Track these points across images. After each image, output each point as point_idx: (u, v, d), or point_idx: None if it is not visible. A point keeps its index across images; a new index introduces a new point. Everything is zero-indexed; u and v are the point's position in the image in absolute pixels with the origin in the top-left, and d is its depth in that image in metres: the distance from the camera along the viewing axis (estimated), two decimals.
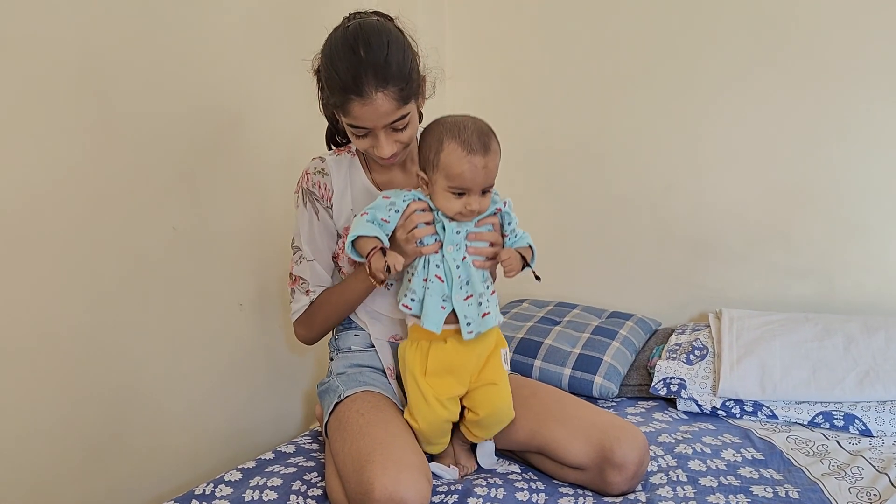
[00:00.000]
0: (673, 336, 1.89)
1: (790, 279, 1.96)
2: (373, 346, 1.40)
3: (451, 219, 1.21)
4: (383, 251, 1.17)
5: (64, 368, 1.25)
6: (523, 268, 1.28)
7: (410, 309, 1.23)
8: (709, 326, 1.88)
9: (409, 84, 1.19)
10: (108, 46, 1.25)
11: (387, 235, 1.21)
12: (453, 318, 1.22)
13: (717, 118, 1.97)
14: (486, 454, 1.38)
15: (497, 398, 1.27)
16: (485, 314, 1.21)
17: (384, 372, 1.38)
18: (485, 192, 1.19)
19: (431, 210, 1.23)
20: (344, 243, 1.36)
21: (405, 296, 1.24)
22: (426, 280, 1.22)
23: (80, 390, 1.28)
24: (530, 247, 1.30)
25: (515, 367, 1.78)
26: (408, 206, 1.21)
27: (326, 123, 1.43)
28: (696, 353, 1.75)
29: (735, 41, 1.91)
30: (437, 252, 1.22)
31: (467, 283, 1.22)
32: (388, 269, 1.15)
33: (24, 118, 1.14)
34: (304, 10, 1.72)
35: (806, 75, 1.85)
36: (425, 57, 1.28)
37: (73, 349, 1.26)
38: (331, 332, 1.49)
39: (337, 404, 1.30)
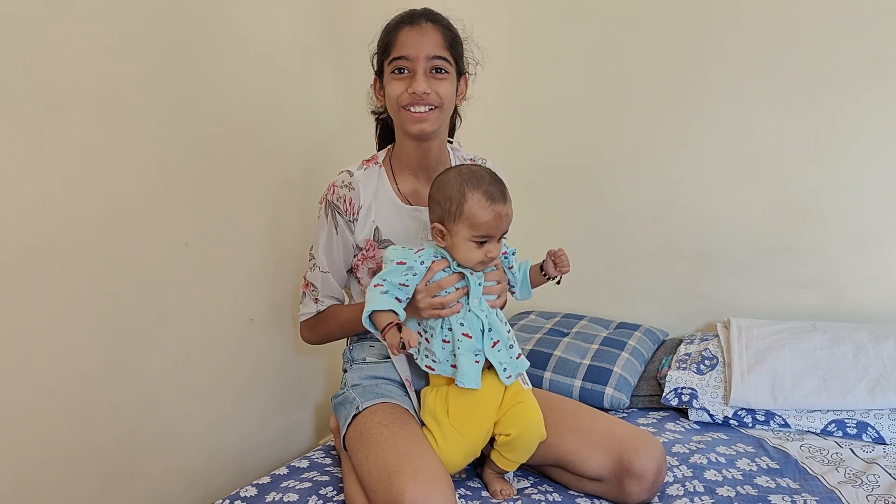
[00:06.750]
0: (682, 346, 1.89)
1: (797, 289, 1.97)
2: (388, 358, 1.40)
3: (470, 272, 1.21)
4: (399, 326, 1.14)
5: (78, 389, 1.24)
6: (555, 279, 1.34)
7: (434, 370, 1.23)
8: (717, 336, 1.88)
9: (455, 39, 1.31)
10: (123, 63, 1.25)
11: (408, 298, 1.18)
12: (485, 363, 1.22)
13: (722, 129, 1.99)
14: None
15: (526, 415, 1.25)
16: (518, 356, 1.26)
17: (401, 384, 1.38)
18: (499, 238, 1.20)
19: (450, 266, 1.21)
20: (363, 256, 1.37)
21: (426, 357, 1.24)
22: (447, 341, 1.21)
23: (95, 412, 1.27)
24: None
25: None
26: (429, 267, 1.19)
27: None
28: (707, 362, 1.75)
29: (739, 52, 1.93)
30: (458, 312, 1.21)
31: (490, 329, 1.22)
32: (403, 346, 1.11)
33: (38, 135, 1.13)
34: (320, 28, 1.73)
35: (810, 86, 1.86)
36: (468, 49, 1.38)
37: (87, 370, 1.25)
38: (344, 343, 1.50)
39: (355, 416, 1.29)
